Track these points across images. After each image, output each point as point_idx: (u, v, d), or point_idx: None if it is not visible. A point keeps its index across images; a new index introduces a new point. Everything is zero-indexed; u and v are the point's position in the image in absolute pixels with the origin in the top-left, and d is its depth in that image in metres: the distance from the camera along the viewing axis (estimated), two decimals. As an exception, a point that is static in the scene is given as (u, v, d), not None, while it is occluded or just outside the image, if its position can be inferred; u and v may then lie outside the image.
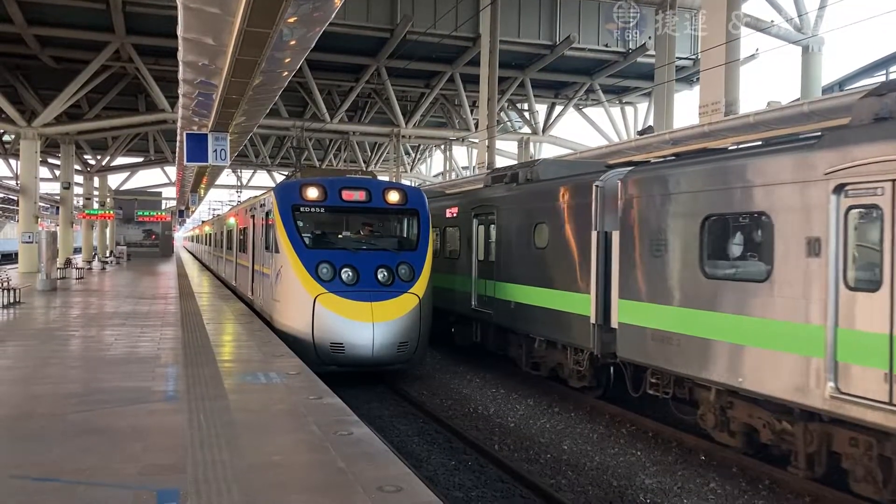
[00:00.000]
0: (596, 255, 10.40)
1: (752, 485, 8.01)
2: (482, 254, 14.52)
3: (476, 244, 14.74)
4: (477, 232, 14.74)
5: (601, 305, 10.28)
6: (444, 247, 16.85)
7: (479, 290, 14.41)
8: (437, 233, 16.83)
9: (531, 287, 12.26)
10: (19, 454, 5.50)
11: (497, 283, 13.56)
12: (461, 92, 32.79)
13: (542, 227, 12.10)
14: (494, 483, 8.06)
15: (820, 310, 6.80)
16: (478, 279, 14.49)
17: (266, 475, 4.95)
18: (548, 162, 13.78)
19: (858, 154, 6.59)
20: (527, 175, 13.38)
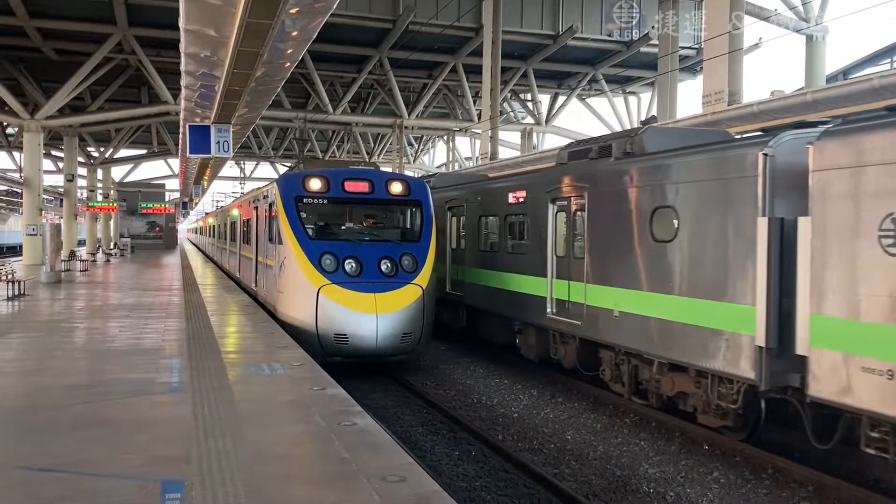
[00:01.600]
0: (767, 252, 7.62)
1: (755, 474, 8.02)
2: (561, 248, 11.77)
3: (553, 237, 11.95)
4: (554, 221, 11.91)
5: (773, 322, 7.59)
6: (502, 239, 14.03)
7: (559, 293, 11.61)
8: (491, 223, 14.77)
9: (646, 293, 9.49)
10: (24, 445, 5.53)
11: (589, 285, 10.70)
12: (464, 82, 32.73)
13: (666, 214, 9.25)
14: (498, 473, 8.08)
15: None
16: (556, 280, 11.72)
17: (270, 466, 4.97)
18: (656, 131, 10.85)
19: None
20: (625, 147, 10.60)
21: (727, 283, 8.13)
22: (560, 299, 11.54)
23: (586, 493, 7.46)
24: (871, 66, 21.49)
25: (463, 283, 15.56)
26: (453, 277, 16.13)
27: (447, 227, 16.45)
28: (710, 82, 17.13)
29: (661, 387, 9.59)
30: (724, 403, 8.47)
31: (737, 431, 8.68)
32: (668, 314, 9.06)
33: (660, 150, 9.83)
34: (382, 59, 30.78)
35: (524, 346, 13.22)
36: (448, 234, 16.40)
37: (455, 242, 16.43)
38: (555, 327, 11.81)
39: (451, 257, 16.34)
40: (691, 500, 7.35)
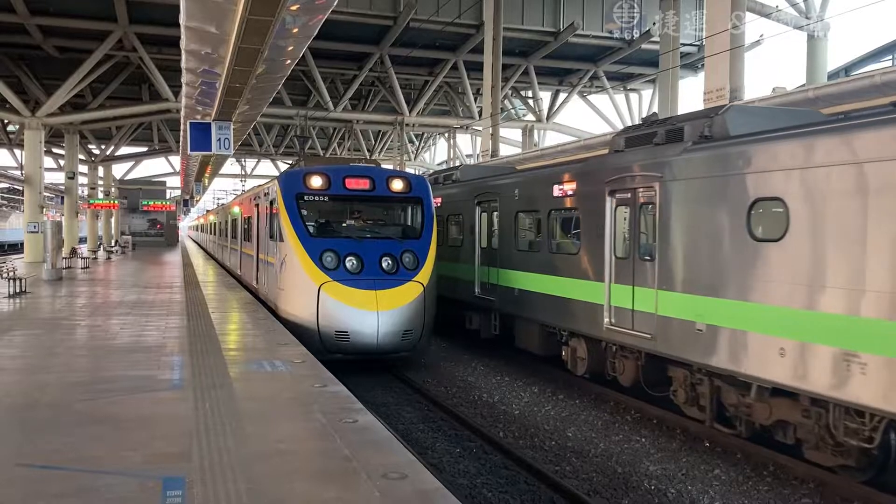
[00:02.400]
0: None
1: (757, 471, 8.02)
2: (622, 249, 10.18)
3: (611, 235, 10.28)
4: (613, 217, 10.25)
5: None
6: (546, 238, 12.29)
7: (620, 301, 9.94)
8: (531, 219, 13.06)
9: (744, 303, 7.86)
10: (25, 442, 5.53)
11: (661, 292, 9.07)
12: (465, 80, 32.70)
13: (770, 208, 7.81)
14: (499, 470, 8.09)
15: None
16: (616, 285, 10.13)
17: (271, 463, 4.97)
18: (740, 111, 9.18)
19: None
20: (702, 131, 8.94)
21: (869, 293, 6.48)
22: (621, 307, 9.90)
23: (587, 491, 7.46)
24: (873, 63, 21.47)
25: (496, 286, 13.82)
26: (483, 280, 14.46)
27: (476, 224, 14.93)
28: (712, 79, 17.08)
29: (754, 414, 8.08)
30: (851, 440, 6.90)
31: (857, 473, 7.20)
32: (780, 330, 7.34)
33: (749, 132, 8.32)
34: (383, 57, 30.75)
35: (571, 360, 11.50)
36: (477, 232, 14.86)
37: (486, 241, 14.66)
38: (614, 339, 10.15)
39: (480, 257, 14.74)
40: (692, 497, 7.35)
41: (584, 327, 10.94)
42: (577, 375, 11.47)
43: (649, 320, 9.29)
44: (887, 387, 6.28)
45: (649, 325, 9.29)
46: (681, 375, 9.20)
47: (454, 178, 17.24)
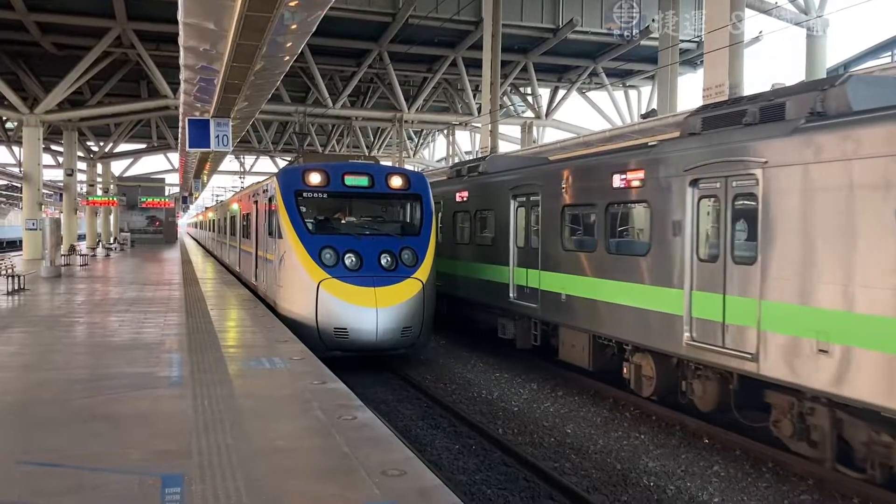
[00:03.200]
0: None
1: (756, 468, 8.03)
2: (707, 249, 8.61)
3: (693, 233, 8.70)
4: (695, 212, 8.67)
5: None
6: (601, 236, 10.64)
7: (705, 311, 8.42)
8: (582, 214, 11.78)
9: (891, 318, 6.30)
10: (25, 440, 5.53)
11: (767, 303, 7.56)
12: (464, 76, 32.64)
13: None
14: (498, 466, 8.09)
15: None
16: (698, 293, 8.53)
17: (270, 460, 4.96)
18: (863, 81, 8.00)
19: None
20: (813, 106, 7.61)
21: None
22: (706, 320, 8.35)
23: (586, 487, 7.47)
24: (872, 60, 21.44)
25: (536, 291, 12.25)
26: (521, 283, 12.91)
27: (511, 220, 13.32)
28: (711, 75, 17.05)
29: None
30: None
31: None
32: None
33: (876, 106, 6.99)
34: (382, 53, 30.70)
35: (634, 378, 9.96)
36: (512, 230, 13.33)
37: (523, 239, 13.07)
38: (696, 358, 8.66)
39: (517, 258, 13.16)
40: (691, 494, 7.36)
41: (653, 342, 9.34)
42: (643, 397, 9.90)
43: (747, 336, 7.77)
44: None
45: (747, 342, 7.76)
46: (785, 403, 7.72)
47: (481, 169, 15.79)
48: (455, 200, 16.21)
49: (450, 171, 17.72)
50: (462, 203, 15.95)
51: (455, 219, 16.41)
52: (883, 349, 6.35)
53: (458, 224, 16.39)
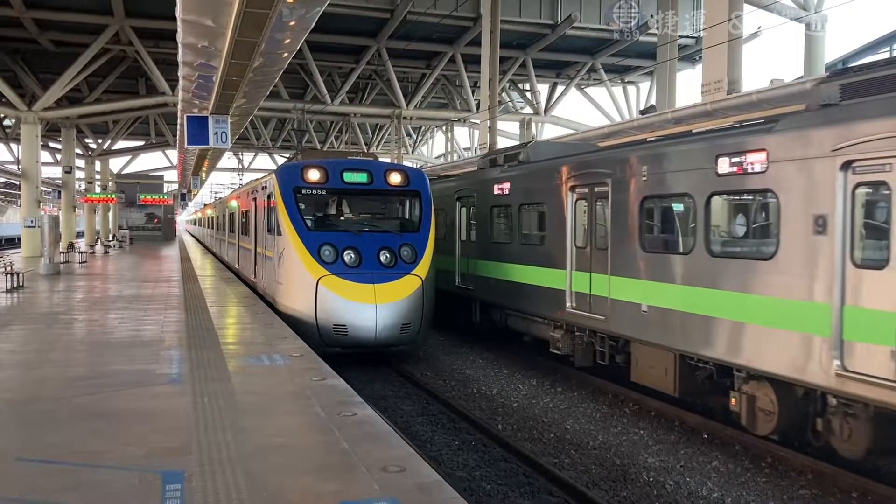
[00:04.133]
0: None
1: (755, 463, 8.04)
2: (865, 252, 6.82)
3: (845, 231, 6.83)
4: (850, 206, 6.79)
5: None
6: (697, 235, 8.72)
7: (867, 334, 6.55)
8: (667, 208, 9.90)
9: None
10: (24, 437, 5.54)
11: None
12: (462, 72, 32.62)
13: None
14: (498, 462, 8.10)
15: None
16: (852, 308, 6.70)
17: (270, 457, 4.97)
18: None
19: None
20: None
21: None
22: (870, 345, 6.48)
23: (586, 483, 7.47)
24: (871, 55, 21.43)
25: (603, 300, 10.29)
26: (581, 290, 10.96)
27: (567, 215, 11.33)
28: (710, 71, 17.08)
29: None
30: None
31: None
32: None
33: None
34: (380, 49, 30.66)
35: (747, 412, 8.06)
36: (569, 227, 11.32)
37: (582, 238, 11.17)
38: (851, 393, 6.75)
39: (575, 260, 11.20)
40: (691, 489, 7.37)
41: (780, 368, 7.46)
42: (758, 435, 8.18)
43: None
44: None
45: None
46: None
47: (522, 157, 13.75)
48: (491, 194, 14.09)
49: (482, 161, 16.08)
50: (502, 196, 13.77)
51: (492, 215, 14.30)
52: None
53: (495, 220, 14.26)
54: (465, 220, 15.70)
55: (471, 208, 15.39)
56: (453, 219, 15.99)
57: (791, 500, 7.06)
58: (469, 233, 15.45)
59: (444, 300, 15.01)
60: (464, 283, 15.28)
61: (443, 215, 16.23)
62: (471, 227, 15.38)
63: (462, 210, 15.83)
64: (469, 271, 15.06)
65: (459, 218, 15.84)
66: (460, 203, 15.84)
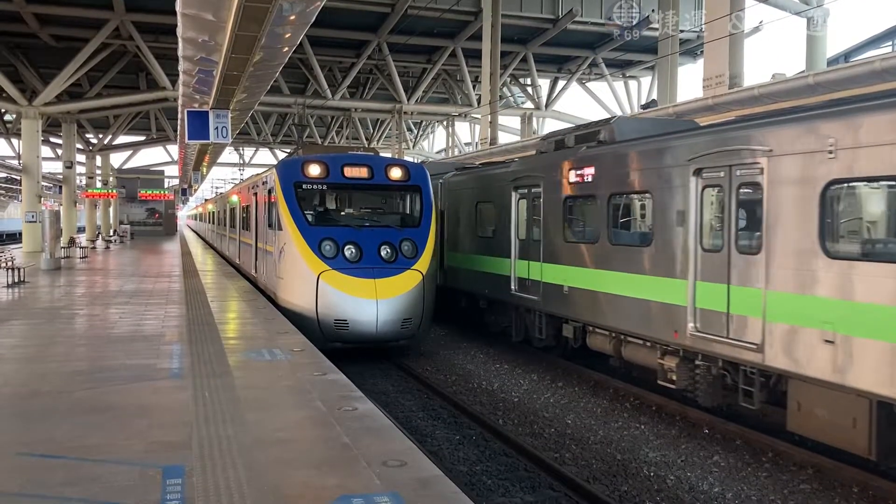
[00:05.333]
0: None
1: (756, 457, 8.04)
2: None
3: None
4: None
5: None
6: None
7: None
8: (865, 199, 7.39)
9: None
10: (25, 432, 5.54)
11: None
12: (463, 67, 32.58)
13: None
14: (498, 457, 8.10)
15: None
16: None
17: (271, 451, 4.97)
18: None
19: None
20: None
21: None
22: None
23: (587, 477, 7.48)
24: (873, 49, 21.39)
25: (755, 324, 7.77)
26: (711, 307, 8.43)
27: (691, 208, 8.72)
28: (711, 66, 17.03)
29: None
30: None
31: None
32: None
33: None
34: (381, 44, 30.62)
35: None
36: (693, 223, 8.70)
37: (710, 238, 8.66)
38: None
39: (700, 268, 8.60)
40: (691, 484, 7.37)
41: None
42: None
43: None
44: None
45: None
46: None
47: (603, 137, 11.20)
48: (563, 182, 11.53)
49: (543, 144, 13.17)
50: (582, 185, 11.12)
51: (565, 208, 11.65)
52: None
53: (568, 216, 11.68)
54: (526, 214, 12.92)
55: (534, 201, 12.55)
56: (507, 214, 13.40)
57: (792, 495, 7.07)
58: (531, 230, 12.70)
59: (492, 308, 14.37)
60: (524, 291, 12.71)
61: (489, 209, 14.37)
62: (533, 223, 12.64)
63: (521, 203, 13.10)
64: (532, 277, 12.43)
65: (517, 212, 13.22)
66: (518, 195, 13.16)
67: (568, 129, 12.93)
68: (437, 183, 16.12)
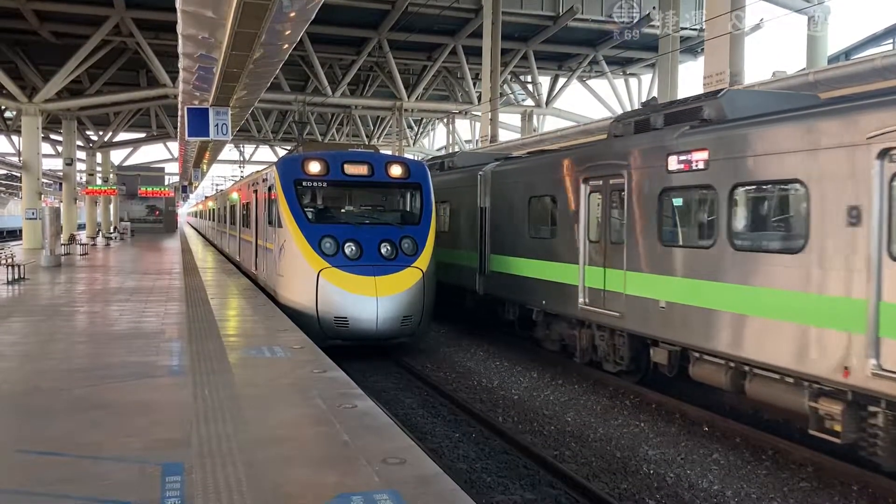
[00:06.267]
0: None
1: (755, 455, 8.04)
2: None
3: None
4: None
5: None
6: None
7: None
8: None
9: None
10: (25, 429, 5.54)
11: None
12: (463, 64, 32.57)
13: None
14: (498, 455, 8.10)
15: None
16: None
17: (271, 449, 4.97)
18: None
19: None
20: None
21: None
22: None
23: (586, 475, 7.47)
24: (874, 47, 21.35)
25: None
26: None
27: (875, 203, 6.56)
28: (712, 63, 17.02)
29: None
30: None
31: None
32: None
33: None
34: (382, 41, 30.61)
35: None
36: (878, 221, 6.54)
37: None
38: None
39: (885, 284, 6.48)
40: (691, 482, 7.37)
41: None
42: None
43: None
44: None
45: None
46: None
47: (708, 115, 9.17)
48: (660, 171, 9.36)
49: (617, 126, 10.98)
50: (690, 174, 8.90)
51: (662, 204, 9.44)
52: None
53: (667, 213, 9.51)
54: (601, 211, 10.81)
55: (613, 194, 10.49)
56: (574, 210, 11.23)
57: (791, 493, 7.07)
58: (607, 230, 10.57)
59: (548, 323, 12.40)
60: (596, 304, 10.63)
61: (545, 205, 12.42)
62: (611, 221, 10.58)
63: (593, 198, 10.95)
64: (610, 287, 10.30)
65: (587, 209, 11.00)
66: (589, 187, 10.98)
67: (650, 107, 10.92)
68: (473, 175, 15.06)
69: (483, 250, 14.51)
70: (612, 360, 10.72)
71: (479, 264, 14.56)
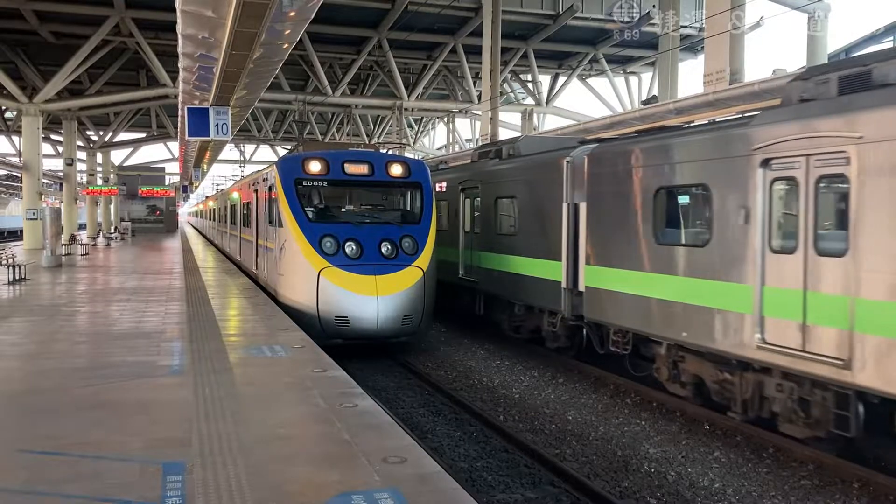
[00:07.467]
0: None
1: (756, 453, 8.04)
2: None
3: None
4: None
5: None
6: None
7: None
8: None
9: None
10: (26, 428, 5.54)
11: None
12: (463, 63, 32.54)
13: None
14: (499, 453, 8.11)
15: None
16: None
17: (271, 448, 4.97)
18: None
19: None
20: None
21: None
22: None
23: (587, 473, 7.48)
24: (874, 45, 21.32)
25: None
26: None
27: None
28: (712, 61, 17.01)
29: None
30: None
31: None
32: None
33: None
34: (381, 40, 30.58)
35: None
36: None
37: None
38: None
39: None
40: (692, 480, 7.38)
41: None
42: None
43: None
44: None
45: None
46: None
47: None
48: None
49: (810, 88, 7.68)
50: None
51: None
52: None
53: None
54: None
55: (827, 184, 7.07)
56: (746, 208, 7.81)
57: (793, 491, 7.07)
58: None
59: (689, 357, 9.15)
60: (787, 342, 7.32)
61: (696, 201, 9.01)
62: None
63: (775, 188, 7.60)
64: (813, 321, 7.00)
65: (765, 204, 7.64)
66: (771, 172, 7.55)
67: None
68: (553, 163, 11.77)
69: (573, 260, 11.23)
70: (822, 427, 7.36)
71: (566, 278, 11.30)
